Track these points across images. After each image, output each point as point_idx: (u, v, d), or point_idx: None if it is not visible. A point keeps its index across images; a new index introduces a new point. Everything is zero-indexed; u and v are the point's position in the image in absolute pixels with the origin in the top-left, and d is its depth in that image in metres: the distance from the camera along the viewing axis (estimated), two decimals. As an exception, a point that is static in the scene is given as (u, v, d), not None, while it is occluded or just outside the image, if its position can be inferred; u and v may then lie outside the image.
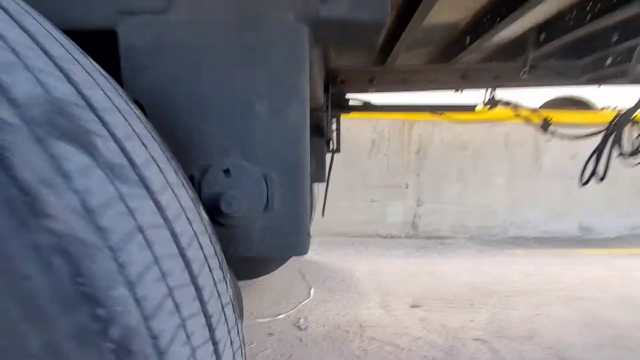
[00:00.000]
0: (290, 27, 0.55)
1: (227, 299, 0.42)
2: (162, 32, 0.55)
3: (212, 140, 0.57)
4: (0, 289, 0.22)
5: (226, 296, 0.42)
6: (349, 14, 0.54)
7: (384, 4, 0.53)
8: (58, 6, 0.54)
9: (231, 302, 0.44)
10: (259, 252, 0.61)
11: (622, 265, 2.79)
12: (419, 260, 2.99)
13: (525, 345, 1.64)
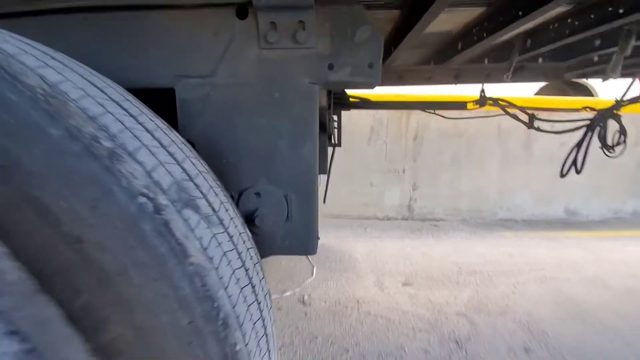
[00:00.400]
0: (306, 87, 0.73)
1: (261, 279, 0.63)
2: (209, 90, 0.74)
3: (247, 170, 0.77)
4: (167, 293, 0.43)
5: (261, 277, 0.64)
6: (350, 78, 0.73)
7: (376, 73, 0.71)
8: (135, 71, 0.72)
9: (262, 281, 0.65)
10: (280, 253, 0.82)
11: (599, 247, 3.03)
12: (413, 242, 3.23)
13: (499, 319, 1.89)
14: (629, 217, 3.96)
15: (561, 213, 3.96)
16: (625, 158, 3.92)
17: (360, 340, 1.72)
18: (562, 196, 3.92)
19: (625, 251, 2.94)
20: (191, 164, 0.54)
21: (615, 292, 2.21)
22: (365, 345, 1.67)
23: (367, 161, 3.87)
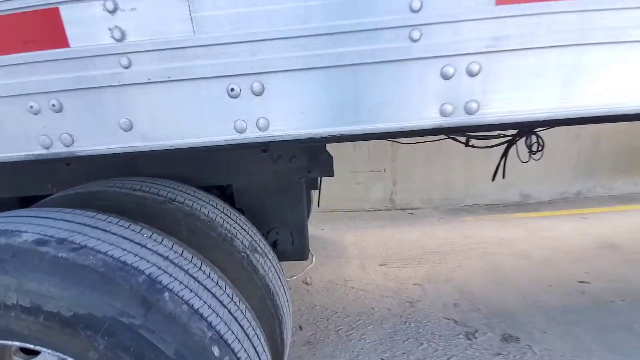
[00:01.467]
0: (297, 181, 1.51)
1: (284, 284, 1.44)
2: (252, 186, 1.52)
3: (272, 221, 1.56)
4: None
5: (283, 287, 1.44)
6: (319, 175, 1.50)
7: (332, 168, 1.48)
8: (198, 175, 1.48)
9: (283, 293, 1.46)
10: (288, 260, 1.62)
11: (538, 226, 3.84)
12: (392, 229, 4.04)
13: (442, 286, 2.72)
14: (573, 197, 4.76)
15: (517, 197, 4.76)
16: (569, 148, 4.70)
17: (346, 305, 2.55)
18: (517, 182, 4.70)
19: (557, 228, 3.75)
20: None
21: (533, 262, 3.03)
22: (348, 309, 2.50)
23: (354, 163, 4.63)
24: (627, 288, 2.56)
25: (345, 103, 0.61)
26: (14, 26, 0.55)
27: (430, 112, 0.62)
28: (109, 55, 0.60)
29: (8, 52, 0.57)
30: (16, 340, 0.81)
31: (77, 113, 0.65)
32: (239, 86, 0.60)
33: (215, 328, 0.85)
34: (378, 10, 0.54)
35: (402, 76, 0.59)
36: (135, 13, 0.56)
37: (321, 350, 2.10)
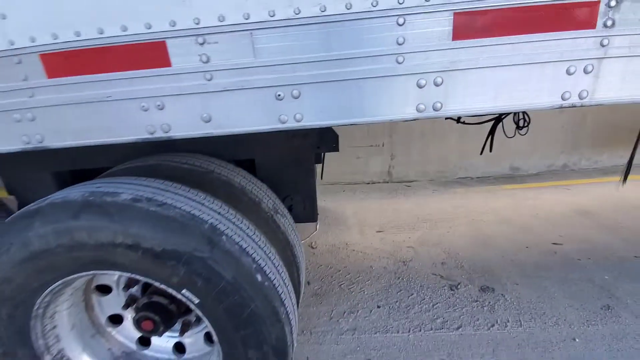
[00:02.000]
0: (309, 154, 1.81)
1: (299, 240, 1.77)
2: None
3: (287, 189, 1.87)
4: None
5: (299, 242, 1.77)
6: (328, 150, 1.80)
7: (336, 142, 1.78)
8: (227, 151, 1.77)
9: (299, 247, 1.79)
10: (300, 222, 1.95)
11: (523, 196, 4.18)
12: (389, 200, 4.39)
13: (433, 248, 3.08)
14: (559, 169, 5.08)
15: (507, 170, 5.08)
16: (556, 122, 4.98)
17: (347, 265, 2.92)
18: (507, 156, 5.00)
19: (540, 198, 4.10)
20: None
21: (515, 227, 3.39)
22: (349, 268, 2.87)
23: (354, 139, 4.91)
24: (594, 249, 2.92)
25: (353, 103, 0.90)
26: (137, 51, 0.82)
27: (409, 110, 0.91)
28: (197, 72, 0.88)
29: (131, 69, 0.85)
30: (119, 270, 1.14)
31: (174, 110, 0.93)
32: (283, 93, 0.88)
33: (258, 262, 1.18)
34: (376, 44, 0.82)
35: (391, 86, 0.87)
36: (217, 45, 0.83)
37: (326, 300, 2.48)
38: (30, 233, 1.08)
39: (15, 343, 1.27)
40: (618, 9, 0.81)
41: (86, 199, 1.08)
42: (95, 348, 1.48)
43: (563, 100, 0.90)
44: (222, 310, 1.15)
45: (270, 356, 1.22)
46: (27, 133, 1.01)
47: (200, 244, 1.09)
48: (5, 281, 1.14)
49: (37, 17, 0.84)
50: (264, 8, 0.82)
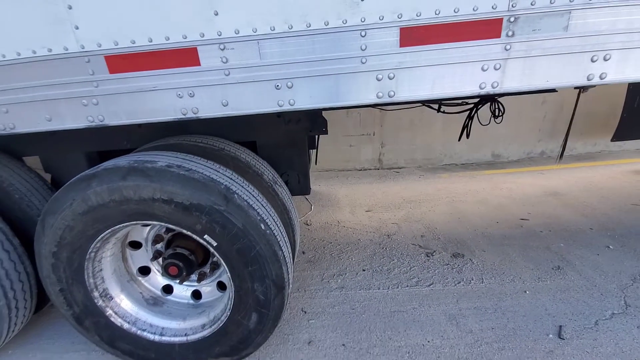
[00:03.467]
0: (302, 137, 2.16)
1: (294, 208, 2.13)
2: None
3: (284, 166, 2.22)
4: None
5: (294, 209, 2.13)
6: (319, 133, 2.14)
7: (325, 126, 2.12)
8: (232, 133, 2.12)
9: (294, 212, 2.15)
10: (296, 195, 2.30)
11: (501, 180, 4.56)
12: (378, 185, 4.75)
13: (414, 224, 3.45)
14: (537, 156, 5.46)
15: (489, 157, 5.45)
16: (536, 112, 5.33)
17: (338, 238, 3.28)
18: (489, 143, 5.37)
19: (516, 182, 4.47)
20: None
21: (489, 206, 3.77)
22: (339, 240, 3.24)
23: (346, 128, 5.25)
24: (556, 223, 3.30)
25: (331, 92, 1.23)
26: (175, 54, 1.16)
27: (371, 96, 1.25)
28: (219, 69, 1.21)
29: (171, 67, 1.18)
30: (155, 220, 1.49)
31: (201, 97, 1.26)
32: (280, 84, 1.22)
33: (261, 215, 1.53)
34: (346, 50, 1.16)
35: (358, 79, 1.21)
36: (233, 50, 1.16)
37: (319, 266, 2.85)
38: (88, 191, 1.42)
39: (72, 281, 1.62)
40: (516, 23, 1.14)
41: (132, 165, 1.42)
42: (130, 290, 1.84)
43: (480, 89, 1.24)
44: (234, 251, 1.51)
45: (271, 288, 1.59)
46: (91, 114, 1.34)
47: (218, 199, 1.44)
48: (68, 229, 1.49)
49: (102, 28, 1.16)
50: (267, 24, 1.15)
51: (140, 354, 1.80)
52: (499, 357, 1.88)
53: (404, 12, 1.13)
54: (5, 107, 1.32)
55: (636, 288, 2.33)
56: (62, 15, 1.15)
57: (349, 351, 1.99)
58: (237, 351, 1.76)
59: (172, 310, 1.91)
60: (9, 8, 1.13)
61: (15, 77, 1.25)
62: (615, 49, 1.15)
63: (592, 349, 1.90)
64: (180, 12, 1.14)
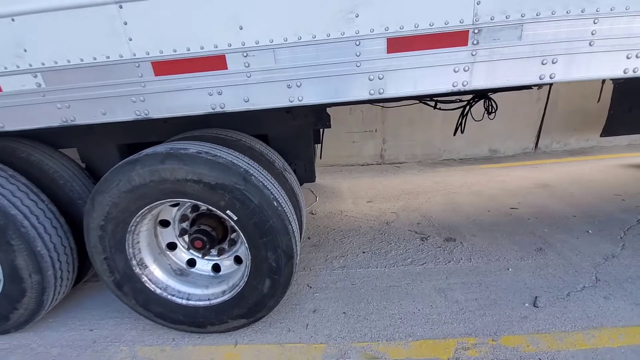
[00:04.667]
0: (307, 131, 2.44)
1: (301, 193, 2.42)
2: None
3: (292, 156, 2.51)
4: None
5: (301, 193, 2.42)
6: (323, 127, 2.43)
7: (328, 121, 2.41)
8: (247, 127, 2.41)
9: (301, 196, 2.44)
10: (303, 183, 2.59)
11: (495, 173, 4.81)
12: (380, 178, 5.02)
13: (412, 213, 3.73)
14: (532, 152, 5.70)
15: (486, 152, 5.70)
16: (531, 110, 5.56)
17: (340, 226, 3.57)
18: (487, 139, 5.62)
19: (509, 175, 4.72)
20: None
21: (483, 197, 4.03)
22: (342, 227, 3.52)
23: (350, 125, 5.53)
24: (542, 212, 3.56)
25: (331, 90, 1.52)
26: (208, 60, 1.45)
27: (364, 93, 1.53)
28: (242, 72, 1.50)
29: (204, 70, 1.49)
30: (186, 198, 1.79)
31: (227, 95, 1.55)
32: (291, 84, 1.51)
33: (274, 194, 1.82)
34: (344, 56, 1.45)
35: (353, 80, 1.48)
36: (254, 57, 1.45)
37: (323, 249, 3.13)
38: (132, 173, 1.73)
39: (115, 250, 1.93)
40: (480, 34, 1.41)
41: (168, 151, 1.72)
42: (160, 262, 2.15)
43: (453, 87, 1.51)
44: (251, 224, 1.80)
45: (282, 257, 1.88)
46: (138, 109, 1.63)
47: (239, 180, 1.73)
48: (114, 205, 1.80)
49: (150, 40, 1.45)
50: (281, 36, 1.44)
51: (170, 315, 2.10)
52: (480, 322, 2.15)
53: (390, 26, 1.42)
54: (68, 103, 1.62)
55: (607, 266, 2.59)
56: (119, 29, 1.44)
57: (349, 317, 2.27)
58: (252, 313, 2.05)
59: (196, 280, 2.20)
60: (77, 23, 1.43)
61: (77, 79, 1.55)
62: (561, 54, 1.42)
63: (561, 315, 2.16)
64: (213, 27, 1.43)
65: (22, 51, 1.49)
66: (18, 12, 1.42)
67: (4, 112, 1.65)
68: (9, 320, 2.17)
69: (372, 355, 1.98)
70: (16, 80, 1.54)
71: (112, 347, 2.15)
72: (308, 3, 1.39)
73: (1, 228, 1.89)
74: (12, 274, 2.00)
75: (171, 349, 2.10)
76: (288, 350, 2.04)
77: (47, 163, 2.26)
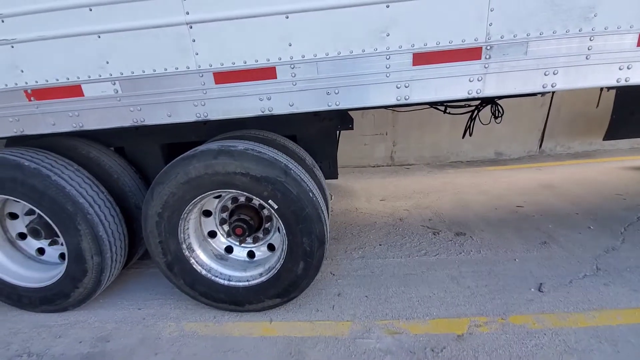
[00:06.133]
0: (332, 132, 2.71)
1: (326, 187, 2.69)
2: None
3: (319, 154, 2.78)
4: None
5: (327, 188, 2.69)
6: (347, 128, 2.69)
7: (351, 123, 2.67)
8: (279, 128, 2.68)
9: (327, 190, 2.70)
10: (327, 178, 2.86)
11: (502, 175, 5.05)
12: (391, 179, 5.28)
13: (424, 210, 3.97)
14: (537, 155, 5.92)
15: (492, 155, 5.93)
16: (535, 114, 5.79)
17: (357, 221, 3.82)
18: (493, 143, 5.85)
19: (515, 176, 4.95)
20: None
21: (490, 196, 4.26)
22: (358, 222, 3.78)
23: (362, 128, 5.79)
24: (546, 209, 3.79)
25: (365, 96, 1.79)
26: (261, 72, 1.72)
27: (392, 99, 1.79)
28: (289, 81, 1.76)
29: (256, 80, 1.76)
30: (234, 189, 2.06)
31: (275, 100, 1.82)
32: (330, 91, 1.78)
33: (309, 186, 2.09)
34: (376, 68, 1.71)
35: (383, 88, 1.74)
36: (300, 68, 1.71)
37: (342, 242, 3.39)
38: (189, 167, 2.00)
39: (169, 235, 2.20)
40: (491, 50, 1.67)
41: (220, 148, 1.99)
42: (204, 247, 2.41)
43: (468, 94, 1.76)
44: (290, 212, 2.06)
45: (315, 241, 2.13)
46: (199, 112, 1.91)
47: (280, 173, 2.00)
48: (172, 195, 2.07)
49: (213, 54, 1.74)
50: (323, 51, 1.71)
51: (213, 295, 2.36)
52: (490, 304, 2.39)
53: (416, 43, 1.68)
54: (139, 107, 1.90)
55: (608, 257, 2.82)
56: (188, 45, 1.72)
57: (370, 300, 2.52)
58: (286, 293, 2.31)
59: (234, 264, 2.47)
60: (153, 40, 1.72)
61: (149, 86, 1.83)
62: (561, 66, 1.67)
63: (565, 298, 2.40)
64: (267, 44, 1.71)
65: (105, 63, 1.77)
66: (104, 31, 1.70)
67: (85, 114, 1.94)
68: (69, 298, 2.44)
69: (394, 330, 2.22)
70: (98, 87, 1.83)
71: (160, 322, 2.41)
72: (348, 25, 1.66)
73: (71, 214, 2.17)
74: (76, 255, 2.28)
75: (213, 324, 2.36)
76: (318, 326, 2.29)
77: (103, 159, 2.54)
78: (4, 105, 1.94)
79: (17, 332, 2.42)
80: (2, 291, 2.49)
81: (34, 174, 2.10)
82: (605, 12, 1.61)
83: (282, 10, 1.65)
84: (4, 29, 1.74)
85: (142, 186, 2.67)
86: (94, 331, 2.38)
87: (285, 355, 2.08)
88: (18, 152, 2.17)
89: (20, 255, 2.57)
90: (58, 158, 2.27)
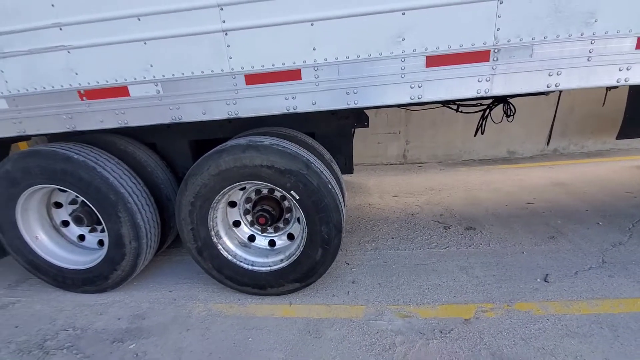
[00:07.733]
0: (348, 129, 2.88)
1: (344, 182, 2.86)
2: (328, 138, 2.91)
3: (336, 151, 2.95)
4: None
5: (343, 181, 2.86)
6: (363, 126, 2.86)
7: (367, 121, 2.84)
8: (299, 126, 2.86)
9: (344, 184, 2.88)
10: (343, 173, 3.03)
11: (513, 173, 5.13)
12: (403, 176, 5.42)
13: (435, 206, 4.11)
14: (550, 153, 5.97)
15: (505, 153, 6.00)
16: (549, 113, 5.81)
17: (370, 216, 3.99)
18: (505, 141, 5.92)
19: (527, 174, 5.03)
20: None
21: (500, 193, 4.37)
22: (372, 217, 3.94)
23: (375, 127, 5.94)
24: (557, 206, 3.88)
25: (381, 95, 1.96)
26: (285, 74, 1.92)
27: (407, 98, 1.95)
28: (312, 82, 1.94)
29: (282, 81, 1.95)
30: (260, 180, 2.25)
31: (300, 99, 2.02)
32: (349, 91, 1.97)
33: (327, 178, 2.27)
34: (392, 69, 1.88)
35: (398, 88, 1.90)
36: (322, 70, 1.92)
37: (356, 234, 3.56)
38: (220, 160, 2.20)
39: (200, 222, 2.41)
40: (499, 52, 1.82)
41: (248, 142, 2.19)
42: (230, 235, 2.62)
43: (477, 93, 1.91)
44: (310, 202, 2.25)
45: (333, 230, 2.31)
46: (230, 110, 2.11)
47: (302, 166, 2.18)
48: (204, 185, 2.28)
49: (245, 58, 1.95)
50: (344, 55, 1.89)
51: (237, 278, 2.57)
52: (497, 292, 2.53)
53: (429, 47, 1.84)
54: (178, 105, 2.11)
55: (614, 251, 2.92)
56: (223, 50, 1.93)
57: (383, 287, 2.69)
58: (305, 278, 2.50)
59: (257, 251, 2.67)
60: (192, 46, 1.93)
61: (187, 87, 2.04)
62: (564, 68, 1.81)
63: (569, 288, 2.52)
64: (293, 48, 1.90)
65: (149, 66, 1.99)
66: (150, 38, 1.92)
67: (130, 112, 2.17)
68: (108, 279, 2.69)
69: (405, 314, 2.39)
70: (142, 88, 2.05)
71: (190, 303, 2.63)
72: (367, 31, 1.83)
73: (113, 203, 2.41)
74: (116, 240, 2.51)
75: (238, 306, 2.57)
76: (334, 309, 2.48)
77: (138, 154, 2.77)
78: (60, 103, 2.18)
79: (62, 309, 2.68)
80: (49, 273, 2.75)
81: (82, 166, 2.34)
82: (605, 18, 1.74)
83: (308, 18, 1.84)
84: (62, 36, 1.97)
85: (172, 179, 2.90)
86: (131, 310, 2.62)
87: (305, 334, 2.27)
88: (67, 146, 2.42)
89: (64, 241, 2.83)
90: (101, 152, 2.51)
